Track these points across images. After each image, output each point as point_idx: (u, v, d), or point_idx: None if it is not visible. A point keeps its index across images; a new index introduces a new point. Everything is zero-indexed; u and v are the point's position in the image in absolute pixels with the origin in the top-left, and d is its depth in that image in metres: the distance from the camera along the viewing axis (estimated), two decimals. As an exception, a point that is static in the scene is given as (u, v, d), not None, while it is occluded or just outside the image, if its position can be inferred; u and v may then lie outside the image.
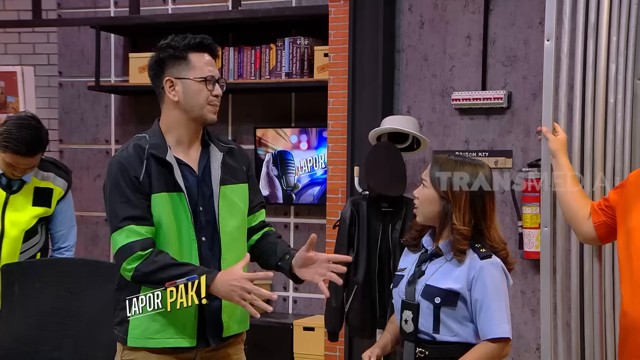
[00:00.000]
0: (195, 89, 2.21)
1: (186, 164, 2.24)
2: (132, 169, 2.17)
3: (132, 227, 2.15)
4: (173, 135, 2.25)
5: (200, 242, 2.22)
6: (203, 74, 2.22)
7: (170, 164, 2.19)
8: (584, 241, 2.75)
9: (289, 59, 4.35)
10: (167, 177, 2.19)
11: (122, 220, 2.16)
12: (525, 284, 3.87)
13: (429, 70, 4.05)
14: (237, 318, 2.28)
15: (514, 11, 3.89)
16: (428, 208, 2.27)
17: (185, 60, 2.21)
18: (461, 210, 2.22)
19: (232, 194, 2.27)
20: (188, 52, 2.22)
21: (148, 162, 2.19)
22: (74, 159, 5.02)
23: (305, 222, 4.55)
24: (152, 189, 2.18)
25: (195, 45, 2.23)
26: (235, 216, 2.28)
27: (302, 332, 4.24)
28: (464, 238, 2.21)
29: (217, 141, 2.31)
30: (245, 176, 2.33)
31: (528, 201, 3.73)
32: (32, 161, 2.89)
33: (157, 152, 2.20)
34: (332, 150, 4.14)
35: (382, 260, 3.29)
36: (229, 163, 2.29)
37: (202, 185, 2.24)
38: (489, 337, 2.18)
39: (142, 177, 2.17)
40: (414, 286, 2.26)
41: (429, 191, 2.27)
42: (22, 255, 2.98)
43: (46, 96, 5.05)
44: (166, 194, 2.19)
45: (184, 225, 2.20)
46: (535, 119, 3.78)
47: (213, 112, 2.24)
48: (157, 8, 4.82)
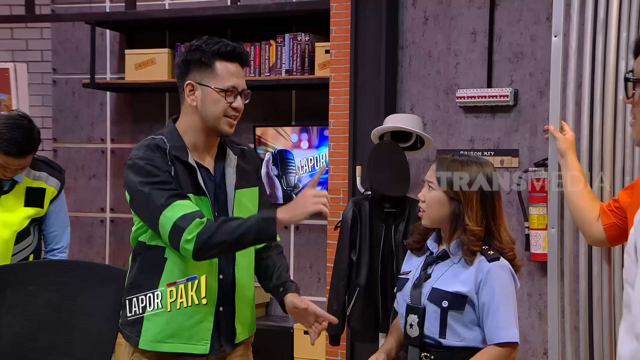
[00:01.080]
0: (214, 98, 2.16)
1: (205, 168, 2.22)
2: (161, 164, 2.11)
3: (180, 202, 2.06)
4: (190, 138, 2.21)
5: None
6: (224, 85, 2.16)
7: (193, 167, 2.16)
8: (593, 243, 2.72)
9: (289, 55, 4.29)
10: (191, 180, 2.16)
11: (166, 199, 2.06)
12: (532, 287, 3.81)
13: (433, 67, 4.00)
14: (247, 322, 2.29)
15: (521, 6, 3.84)
16: (437, 211, 2.23)
17: (210, 67, 2.16)
18: (473, 210, 2.20)
19: (245, 198, 2.26)
20: (215, 59, 2.17)
21: (172, 163, 2.15)
22: (69, 158, 4.97)
23: (305, 223, 4.50)
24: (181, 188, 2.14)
25: (224, 53, 2.18)
26: None
27: (302, 335, 4.21)
28: (477, 239, 2.19)
29: (230, 143, 2.29)
30: (255, 179, 2.32)
31: (535, 202, 3.69)
32: (24, 162, 2.84)
33: (179, 155, 2.16)
34: (333, 149, 4.09)
35: (384, 262, 3.26)
36: (242, 166, 2.27)
37: (218, 189, 2.22)
38: (497, 342, 2.16)
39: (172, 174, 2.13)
40: (420, 290, 2.23)
41: (437, 193, 2.23)
42: (14, 257, 2.94)
43: (40, 94, 5.00)
44: (193, 197, 2.15)
45: None
46: (542, 118, 3.73)
47: (229, 124, 2.19)
48: (153, 3, 4.77)
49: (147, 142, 2.18)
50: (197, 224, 2.04)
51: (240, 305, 2.24)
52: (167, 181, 2.09)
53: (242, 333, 2.27)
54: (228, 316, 2.21)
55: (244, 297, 2.26)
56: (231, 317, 2.22)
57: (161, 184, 2.09)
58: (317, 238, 4.46)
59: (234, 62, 2.18)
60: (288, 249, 4.55)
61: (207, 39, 2.19)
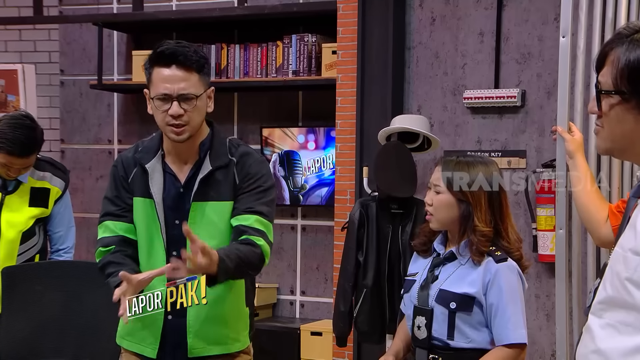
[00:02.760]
0: (153, 106, 2.13)
1: (172, 173, 2.18)
2: (123, 170, 2.21)
3: (107, 223, 2.21)
4: (166, 142, 2.20)
5: (170, 256, 2.10)
6: (156, 92, 2.10)
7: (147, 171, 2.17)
8: (601, 245, 2.70)
9: (296, 56, 4.28)
10: (145, 182, 2.17)
11: (102, 216, 2.23)
12: (540, 288, 3.80)
13: (440, 68, 3.98)
14: (212, 340, 2.18)
15: (528, 7, 3.82)
16: (446, 213, 2.22)
17: (150, 75, 2.13)
18: (482, 210, 2.19)
19: (212, 212, 2.15)
20: (152, 66, 2.11)
21: (135, 164, 2.20)
22: (76, 159, 4.97)
23: (312, 224, 4.49)
24: (134, 192, 2.20)
25: (155, 57, 2.09)
26: (213, 236, 2.13)
27: (309, 337, 4.19)
28: (487, 239, 2.18)
29: (221, 153, 2.17)
30: (231, 193, 2.16)
31: (542, 203, 3.67)
32: (27, 161, 2.84)
33: (140, 158, 2.19)
34: (340, 150, 4.08)
35: (391, 263, 3.25)
36: (218, 179, 2.16)
37: (184, 198, 2.17)
38: (505, 343, 2.15)
39: (131, 178, 2.20)
40: (427, 291, 2.22)
41: (444, 196, 2.22)
42: (19, 257, 2.94)
43: (47, 95, 5.01)
44: (141, 199, 2.18)
45: (156, 235, 2.18)
46: (549, 118, 3.71)
47: (173, 132, 2.10)
48: (161, 4, 4.77)
49: (139, 142, 2.28)
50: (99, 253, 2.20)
51: (195, 320, 2.15)
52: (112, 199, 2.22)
53: (201, 349, 2.17)
54: (178, 327, 2.15)
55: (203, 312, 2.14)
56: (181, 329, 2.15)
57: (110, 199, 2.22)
58: (324, 239, 4.45)
59: (169, 66, 2.07)
60: (295, 250, 4.54)
61: (160, 43, 2.12)
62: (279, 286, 4.52)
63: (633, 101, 1.34)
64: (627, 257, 1.28)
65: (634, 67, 1.33)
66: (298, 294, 4.53)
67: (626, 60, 1.34)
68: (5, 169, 2.84)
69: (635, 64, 1.33)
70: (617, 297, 1.28)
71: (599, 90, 1.39)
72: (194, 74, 2.09)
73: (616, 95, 1.35)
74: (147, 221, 2.17)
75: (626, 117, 1.35)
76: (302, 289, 4.52)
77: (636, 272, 1.26)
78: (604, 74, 1.38)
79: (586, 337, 1.34)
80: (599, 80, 1.40)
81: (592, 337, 1.31)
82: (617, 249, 1.31)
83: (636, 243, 1.27)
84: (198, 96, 2.10)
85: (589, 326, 1.33)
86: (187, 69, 2.08)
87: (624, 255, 1.28)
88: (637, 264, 1.26)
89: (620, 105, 1.35)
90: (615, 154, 1.45)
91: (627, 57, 1.34)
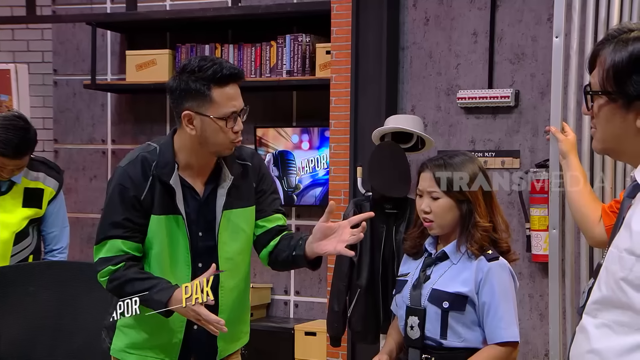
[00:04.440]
0: (214, 127, 2.08)
1: (190, 187, 2.16)
2: (134, 188, 2.12)
3: (115, 243, 2.12)
4: (185, 157, 2.15)
5: (196, 269, 2.14)
6: (224, 112, 2.08)
7: (172, 188, 2.12)
8: (595, 245, 2.70)
9: (290, 56, 4.28)
10: (168, 200, 2.12)
11: (108, 234, 2.13)
12: (533, 288, 3.80)
13: (434, 68, 3.99)
14: (233, 339, 2.23)
15: (522, 7, 3.83)
16: (448, 217, 2.23)
17: (207, 96, 2.06)
18: (481, 206, 2.22)
19: (237, 218, 2.19)
20: (211, 86, 2.07)
21: (153, 180, 2.11)
22: (70, 159, 4.96)
23: (307, 224, 4.49)
24: (153, 209, 2.12)
25: (220, 78, 2.07)
26: (238, 240, 2.21)
27: (303, 337, 4.19)
28: (488, 234, 2.21)
29: (232, 160, 2.19)
30: (253, 197, 2.22)
31: (536, 203, 3.67)
32: (20, 162, 2.84)
33: (162, 174, 2.11)
34: (334, 150, 4.08)
35: (385, 263, 3.25)
36: (237, 185, 2.18)
37: (205, 209, 2.16)
38: (497, 341, 2.16)
39: (143, 196, 2.11)
40: (420, 291, 2.23)
41: (443, 200, 2.23)
42: (13, 258, 2.93)
43: (41, 95, 4.99)
44: (165, 217, 2.13)
45: (181, 250, 2.15)
46: (543, 118, 3.72)
47: (232, 148, 2.13)
48: (154, 4, 4.76)
49: (138, 153, 2.16)
50: (107, 271, 2.12)
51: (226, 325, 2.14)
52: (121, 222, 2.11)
53: (226, 349, 2.24)
54: (204, 335, 2.15)
55: (233, 315, 2.21)
56: (210, 336, 2.15)
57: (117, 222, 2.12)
58: (318, 239, 4.44)
59: (230, 84, 2.09)
60: (289, 250, 4.53)
61: (200, 62, 2.07)
62: (273, 286, 4.51)
63: (619, 101, 1.34)
64: (623, 257, 1.28)
65: (618, 68, 1.34)
66: (292, 294, 4.53)
67: (611, 61, 1.35)
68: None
69: (620, 64, 1.34)
70: (612, 297, 1.29)
71: (586, 91, 1.40)
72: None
73: (603, 95, 1.36)
74: (170, 237, 2.13)
75: (614, 117, 1.36)
76: (296, 289, 4.52)
77: (631, 272, 1.26)
78: (594, 75, 1.39)
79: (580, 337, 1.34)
80: (590, 81, 1.41)
81: (587, 337, 1.31)
82: (612, 249, 1.32)
83: (631, 243, 1.28)
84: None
85: (583, 326, 1.34)
86: (239, 84, 2.13)
87: (619, 256, 1.29)
88: (632, 264, 1.26)
89: (607, 105, 1.36)
90: (610, 154, 1.45)
91: (612, 58, 1.35)
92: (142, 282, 2.08)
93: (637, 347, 1.26)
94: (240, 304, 2.25)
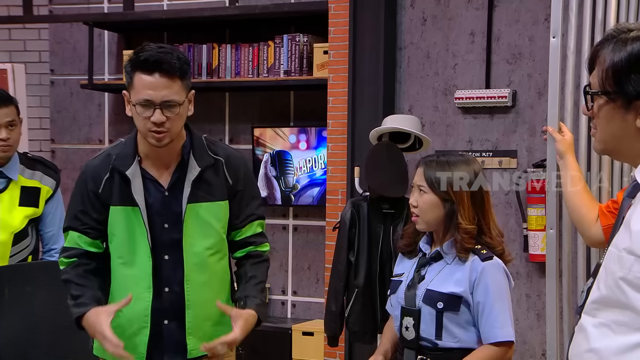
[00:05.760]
0: (134, 112, 2.09)
1: (152, 179, 2.16)
2: (92, 182, 2.17)
3: (73, 235, 2.20)
4: (142, 147, 2.16)
5: (162, 261, 2.15)
6: (137, 98, 2.06)
7: (128, 178, 2.13)
8: (592, 245, 2.70)
9: (288, 56, 4.28)
10: (126, 190, 2.13)
11: (68, 225, 2.22)
12: (531, 288, 3.81)
13: (431, 68, 3.99)
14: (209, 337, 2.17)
15: (519, 7, 3.83)
16: (431, 214, 2.23)
17: (131, 79, 2.08)
18: (465, 208, 2.20)
19: (206, 213, 2.17)
20: (135, 70, 2.07)
21: (112, 173, 2.15)
22: (66, 159, 4.95)
23: (304, 224, 4.49)
24: (111, 200, 2.15)
25: (139, 63, 2.06)
26: (207, 236, 2.18)
27: (301, 336, 4.19)
28: (470, 237, 2.19)
29: (203, 153, 2.18)
30: (225, 193, 2.20)
31: (533, 203, 3.68)
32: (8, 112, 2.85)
33: (119, 165, 2.14)
34: (331, 150, 4.08)
35: (383, 263, 3.24)
36: (207, 179, 2.17)
37: (171, 201, 2.15)
38: (492, 341, 2.15)
39: (101, 189, 2.16)
40: (414, 291, 2.22)
41: (429, 196, 2.22)
42: (12, 258, 2.92)
43: (37, 95, 4.99)
44: (122, 208, 2.14)
45: (140, 241, 2.15)
46: (540, 118, 3.72)
47: (155, 138, 2.08)
48: (152, 4, 4.76)
49: (108, 148, 2.23)
50: (61, 262, 2.22)
51: (194, 321, 2.17)
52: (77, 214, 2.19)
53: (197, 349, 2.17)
54: (175, 330, 2.15)
55: (202, 312, 2.18)
56: (180, 331, 2.15)
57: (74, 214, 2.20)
58: (315, 239, 4.45)
59: (152, 73, 2.04)
60: (286, 249, 4.53)
61: (141, 47, 2.08)
62: (271, 286, 4.51)
63: (619, 101, 1.34)
64: (622, 257, 1.28)
65: (618, 68, 1.34)
66: (289, 294, 4.53)
67: (610, 61, 1.35)
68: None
69: (619, 64, 1.34)
70: (611, 296, 1.29)
71: (586, 92, 1.40)
72: (176, 80, 2.07)
73: (603, 95, 1.36)
74: (129, 228, 2.14)
75: (614, 117, 1.36)
76: (294, 289, 4.51)
77: (631, 271, 1.26)
78: (593, 75, 1.39)
79: (579, 337, 1.34)
80: (590, 81, 1.41)
81: (586, 337, 1.31)
82: (612, 248, 1.32)
83: (631, 243, 1.27)
84: (181, 103, 2.09)
85: (582, 325, 1.34)
86: (171, 77, 2.06)
87: (619, 255, 1.29)
88: (631, 264, 1.26)
89: (607, 105, 1.36)
90: (610, 154, 1.45)
91: (611, 58, 1.35)
92: (76, 287, 2.16)
93: (636, 347, 1.26)
94: (214, 303, 2.18)
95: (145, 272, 2.14)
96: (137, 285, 2.15)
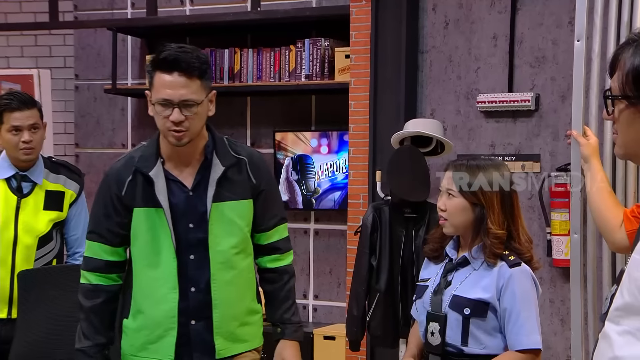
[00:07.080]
0: (154, 111, 2.11)
1: (176, 179, 2.16)
2: (115, 185, 2.18)
3: (95, 244, 2.21)
4: (164, 148, 2.18)
5: (187, 261, 2.15)
6: (156, 97, 2.08)
7: (152, 180, 2.13)
8: (616, 250, 2.67)
9: (309, 60, 4.29)
10: (150, 191, 2.14)
11: (91, 232, 2.24)
12: (554, 293, 3.77)
13: (453, 71, 3.97)
14: (237, 338, 2.20)
15: (542, 10, 3.80)
16: (460, 218, 2.21)
17: (152, 78, 2.11)
18: (495, 213, 2.18)
19: (231, 211, 2.18)
20: (155, 70, 2.10)
21: (135, 174, 2.16)
22: (90, 163, 4.99)
23: (325, 228, 4.49)
24: (134, 202, 2.16)
25: (158, 62, 2.09)
26: (232, 235, 2.19)
27: (322, 341, 4.18)
28: (500, 242, 2.17)
29: (225, 152, 2.19)
30: (249, 192, 2.21)
31: (557, 207, 3.64)
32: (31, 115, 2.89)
33: (141, 167, 2.15)
34: (353, 154, 4.08)
35: (405, 267, 3.24)
36: (231, 178, 2.18)
37: (195, 201, 2.16)
38: (519, 348, 2.13)
39: (124, 192, 2.17)
40: (440, 297, 2.21)
41: (458, 200, 2.21)
42: (37, 262, 2.94)
43: (62, 99, 5.05)
44: (145, 209, 2.15)
45: (164, 242, 2.15)
46: (564, 122, 3.69)
47: (174, 137, 2.10)
48: (174, 9, 4.79)
49: (130, 151, 2.25)
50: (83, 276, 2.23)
51: (221, 320, 2.18)
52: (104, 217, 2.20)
53: (227, 349, 2.20)
54: (202, 330, 2.16)
55: (228, 311, 2.19)
56: (207, 332, 2.16)
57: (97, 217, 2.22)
58: (337, 243, 4.45)
59: (171, 72, 2.06)
60: (308, 253, 4.54)
61: (163, 47, 2.11)
62: (292, 290, 4.51)
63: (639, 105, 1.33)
64: None
65: (638, 71, 1.32)
66: (311, 298, 4.53)
67: (631, 65, 1.33)
68: (17, 137, 2.86)
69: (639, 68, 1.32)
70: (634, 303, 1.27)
71: (606, 96, 1.38)
72: (195, 80, 2.09)
73: (623, 100, 1.35)
74: (153, 230, 2.15)
75: (634, 121, 1.34)
76: (315, 293, 4.51)
77: None
78: (614, 79, 1.38)
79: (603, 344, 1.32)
80: (611, 86, 1.39)
81: (610, 344, 1.29)
82: (635, 255, 1.30)
83: None
84: (199, 103, 2.10)
85: (606, 333, 1.32)
86: (189, 76, 2.08)
87: None
88: None
89: (627, 109, 1.35)
90: (632, 159, 1.44)
91: (632, 62, 1.33)
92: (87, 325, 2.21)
93: None
94: (240, 303, 2.22)
95: (171, 273, 2.14)
96: (163, 286, 2.15)
